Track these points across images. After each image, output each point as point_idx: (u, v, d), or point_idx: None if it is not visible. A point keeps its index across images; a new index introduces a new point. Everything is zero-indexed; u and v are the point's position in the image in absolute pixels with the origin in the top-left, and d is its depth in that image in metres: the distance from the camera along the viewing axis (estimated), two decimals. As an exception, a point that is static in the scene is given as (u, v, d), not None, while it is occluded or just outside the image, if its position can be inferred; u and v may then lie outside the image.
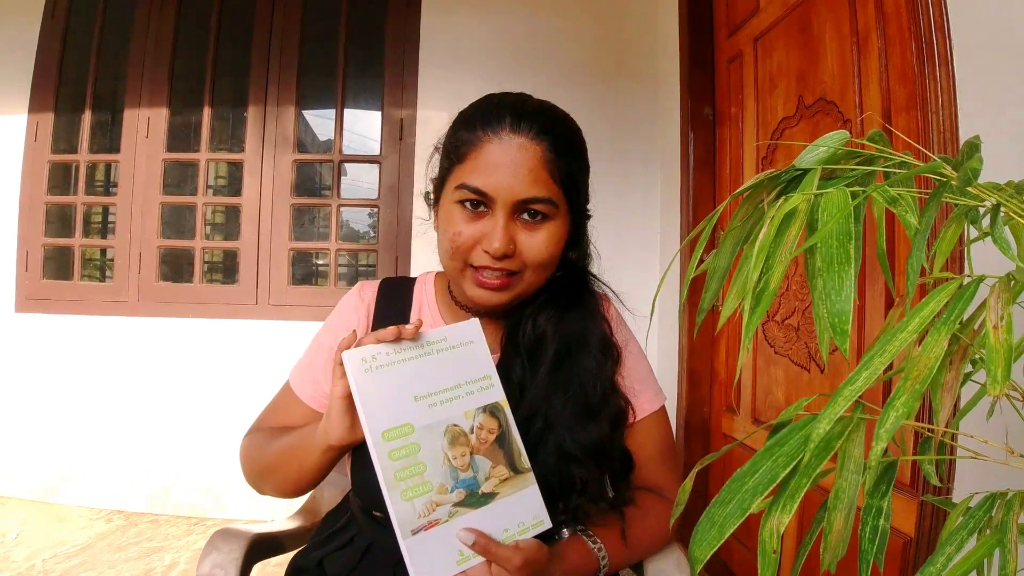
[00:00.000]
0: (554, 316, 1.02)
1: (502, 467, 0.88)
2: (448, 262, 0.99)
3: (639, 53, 3.07)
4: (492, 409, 0.91)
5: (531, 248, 0.95)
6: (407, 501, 0.81)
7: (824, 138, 0.71)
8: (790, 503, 0.57)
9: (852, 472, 0.60)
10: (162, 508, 3.05)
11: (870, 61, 1.65)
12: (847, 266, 0.57)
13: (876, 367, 0.54)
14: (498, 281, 0.95)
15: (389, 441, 0.82)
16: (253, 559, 1.07)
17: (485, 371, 0.92)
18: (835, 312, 0.56)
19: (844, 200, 0.61)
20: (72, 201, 3.26)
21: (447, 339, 0.91)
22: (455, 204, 0.96)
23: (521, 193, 0.92)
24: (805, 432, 0.60)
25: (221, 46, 3.27)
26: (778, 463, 0.58)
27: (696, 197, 2.50)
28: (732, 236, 0.77)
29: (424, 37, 3.15)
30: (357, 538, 1.02)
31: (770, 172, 0.72)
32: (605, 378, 1.02)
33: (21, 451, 3.16)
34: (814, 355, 1.82)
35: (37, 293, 3.20)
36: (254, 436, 1.10)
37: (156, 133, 3.19)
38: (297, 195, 3.20)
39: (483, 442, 0.88)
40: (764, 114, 2.15)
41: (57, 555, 2.55)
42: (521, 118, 0.94)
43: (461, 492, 0.84)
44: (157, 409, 3.10)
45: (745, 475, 0.59)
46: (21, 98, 3.24)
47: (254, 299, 3.12)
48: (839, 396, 0.54)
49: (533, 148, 0.93)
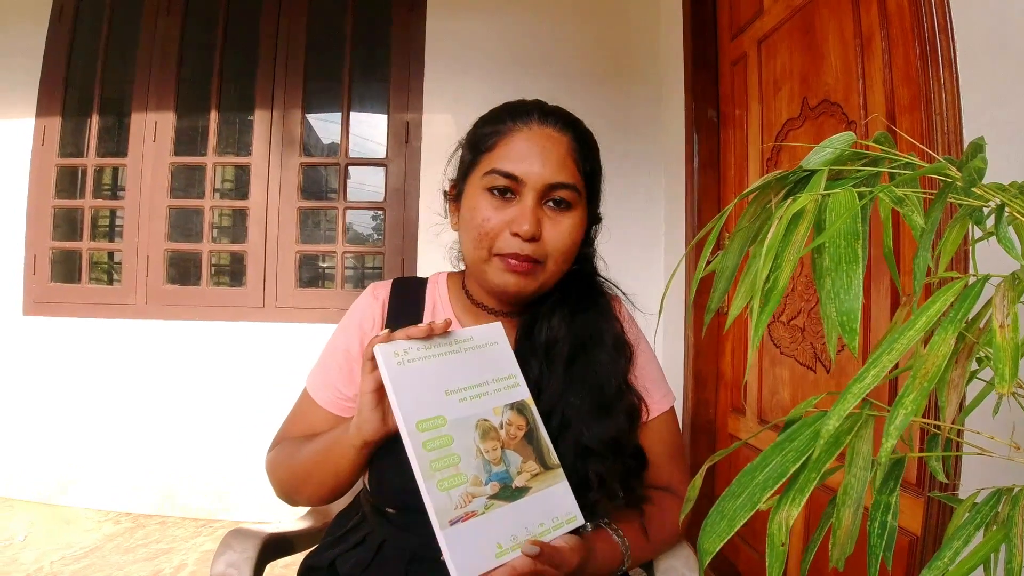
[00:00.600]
0: (567, 316, 1.04)
1: (532, 462, 0.90)
2: (473, 252, 1.01)
3: (643, 56, 3.08)
4: (519, 407, 0.92)
5: (555, 235, 0.99)
6: (443, 491, 0.81)
7: (831, 139, 0.72)
8: (799, 497, 0.58)
9: (861, 468, 0.60)
10: (170, 510, 3.07)
11: (874, 63, 1.65)
12: (855, 265, 0.58)
13: (884, 365, 0.54)
14: (525, 266, 0.98)
15: (423, 432, 0.83)
16: (266, 559, 1.08)
17: (510, 370, 0.95)
18: (844, 311, 0.57)
19: (851, 200, 0.62)
20: (80, 205, 3.28)
21: (474, 339, 0.94)
22: (483, 192, 0.99)
23: (551, 177, 0.97)
24: (815, 428, 0.61)
25: (227, 50, 3.29)
26: (788, 458, 0.59)
27: (701, 199, 2.51)
28: (740, 236, 0.78)
29: (429, 41, 3.16)
30: (369, 537, 1.03)
31: (778, 173, 0.73)
32: (619, 373, 1.04)
33: (29, 453, 3.17)
34: (820, 355, 1.83)
35: (45, 296, 3.22)
36: (279, 449, 1.10)
37: (163, 137, 3.21)
38: (304, 198, 3.22)
39: (513, 438, 0.90)
40: (768, 116, 2.15)
41: (65, 557, 2.57)
42: (547, 113, 1.01)
43: (496, 485, 0.85)
44: (164, 411, 3.11)
45: (755, 469, 0.59)
46: (28, 102, 3.25)
47: (261, 302, 3.14)
48: (848, 393, 0.55)
49: (560, 138, 1.00)
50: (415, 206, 3.11)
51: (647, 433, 1.08)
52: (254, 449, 3.00)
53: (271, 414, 2.97)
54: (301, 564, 1.08)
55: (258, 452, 1.10)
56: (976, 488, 0.64)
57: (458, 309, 1.12)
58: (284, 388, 2.99)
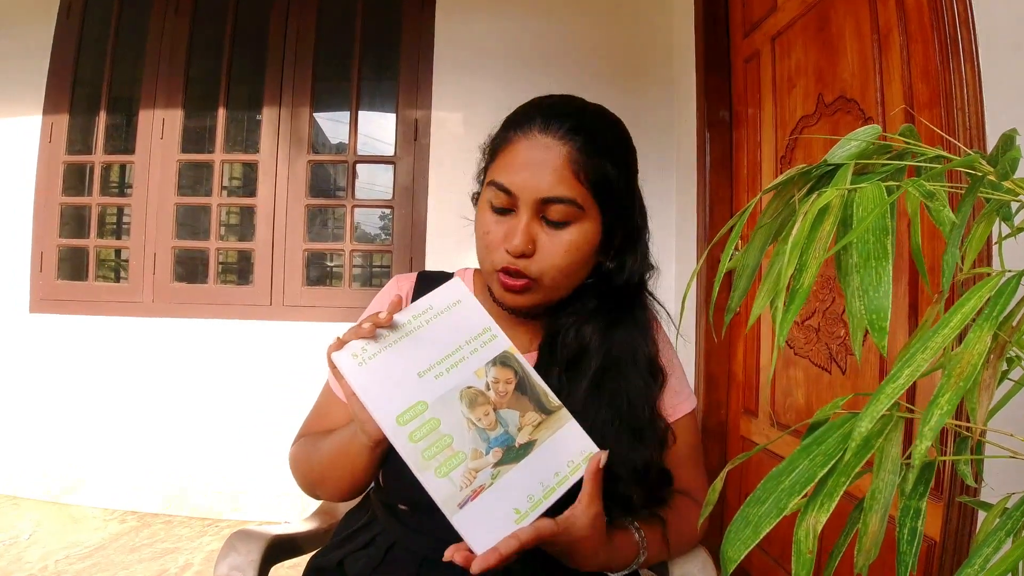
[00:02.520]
0: (600, 328, 0.99)
1: (532, 413, 0.86)
2: (482, 263, 0.99)
3: (654, 54, 3.06)
4: (502, 359, 0.88)
5: (550, 251, 0.94)
6: (443, 477, 0.79)
7: (855, 133, 0.70)
8: (828, 502, 0.56)
9: (889, 472, 0.59)
10: (176, 509, 3.05)
11: (892, 58, 1.63)
12: (884, 261, 0.56)
13: (919, 364, 0.52)
14: (519, 284, 0.94)
15: (405, 425, 0.80)
16: (271, 561, 1.06)
17: (483, 324, 0.91)
18: (873, 308, 0.56)
19: (879, 195, 0.60)
20: (87, 202, 3.27)
21: (432, 307, 0.90)
22: (486, 204, 0.97)
23: (543, 192, 0.91)
24: (844, 431, 0.59)
25: (236, 47, 3.28)
26: (816, 462, 0.57)
27: (713, 199, 2.49)
28: (761, 233, 0.76)
29: (438, 39, 3.14)
30: (379, 538, 1.00)
31: (801, 167, 0.71)
32: (651, 399, 1.00)
33: (36, 452, 3.16)
34: (835, 356, 1.80)
35: (52, 294, 3.21)
36: (301, 444, 1.07)
37: (171, 134, 3.20)
38: (311, 196, 3.20)
39: (503, 395, 0.86)
40: (782, 114, 2.13)
41: (70, 556, 2.56)
42: (552, 119, 0.94)
43: (497, 451, 0.82)
44: (171, 410, 3.11)
45: (781, 474, 0.57)
46: (36, 99, 3.25)
47: (268, 300, 3.12)
48: (881, 394, 0.53)
49: (558, 148, 0.92)
50: (424, 204, 3.09)
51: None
52: (260, 448, 3.00)
53: (277, 413, 2.99)
54: (308, 564, 1.05)
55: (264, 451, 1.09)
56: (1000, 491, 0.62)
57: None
58: (291, 387, 3.02)
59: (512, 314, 1.04)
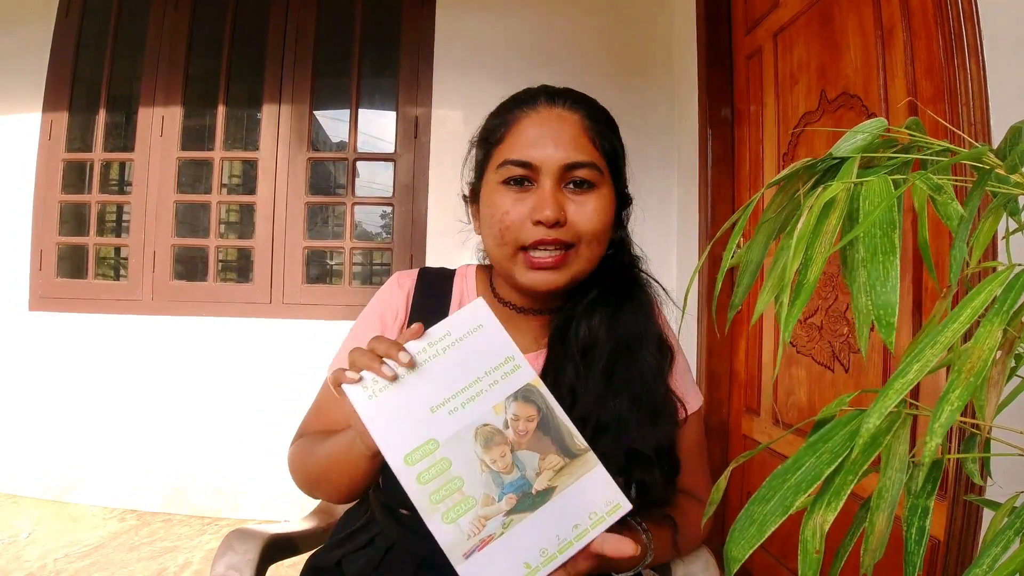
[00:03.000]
0: (607, 316, 0.98)
1: (553, 456, 0.78)
2: (497, 250, 0.96)
3: (655, 50, 3.04)
4: (525, 394, 0.80)
5: (583, 216, 0.93)
6: (450, 524, 0.74)
7: (862, 126, 0.69)
8: (835, 501, 0.55)
9: (896, 470, 0.58)
10: (176, 508, 3.05)
11: (895, 54, 1.62)
12: (892, 255, 0.55)
13: (928, 359, 0.51)
14: (553, 259, 0.92)
15: (413, 465, 0.76)
16: (268, 560, 1.05)
17: (506, 353, 0.82)
18: (880, 304, 0.55)
19: (886, 188, 0.59)
20: (86, 200, 3.26)
21: (451, 333, 0.83)
22: (499, 186, 0.95)
23: (566, 158, 0.92)
24: (850, 428, 0.58)
25: (236, 45, 3.27)
26: (822, 459, 0.57)
27: (715, 196, 2.47)
28: (765, 228, 0.75)
29: (439, 36, 3.13)
30: (378, 539, 0.99)
31: (806, 161, 0.70)
32: (663, 377, 0.99)
33: (35, 450, 3.16)
34: (838, 354, 1.79)
35: (51, 292, 3.20)
36: (299, 444, 1.05)
37: (170, 132, 3.19)
38: (311, 194, 3.19)
39: (523, 434, 0.79)
40: (784, 110, 2.12)
41: (69, 555, 2.55)
42: (554, 94, 0.97)
43: (512, 497, 0.76)
44: (171, 408, 3.10)
45: (787, 472, 0.57)
46: (35, 97, 3.24)
47: (268, 298, 3.11)
48: (890, 389, 0.52)
49: (571, 116, 0.94)
50: (424, 202, 3.08)
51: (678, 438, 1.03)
52: (260, 447, 2.99)
53: (277, 412, 2.98)
54: (306, 564, 1.04)
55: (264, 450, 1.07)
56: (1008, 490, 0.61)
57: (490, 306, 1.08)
58: (290, 386, 3.01)
59: (519, 312, 1.04)
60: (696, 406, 1.09)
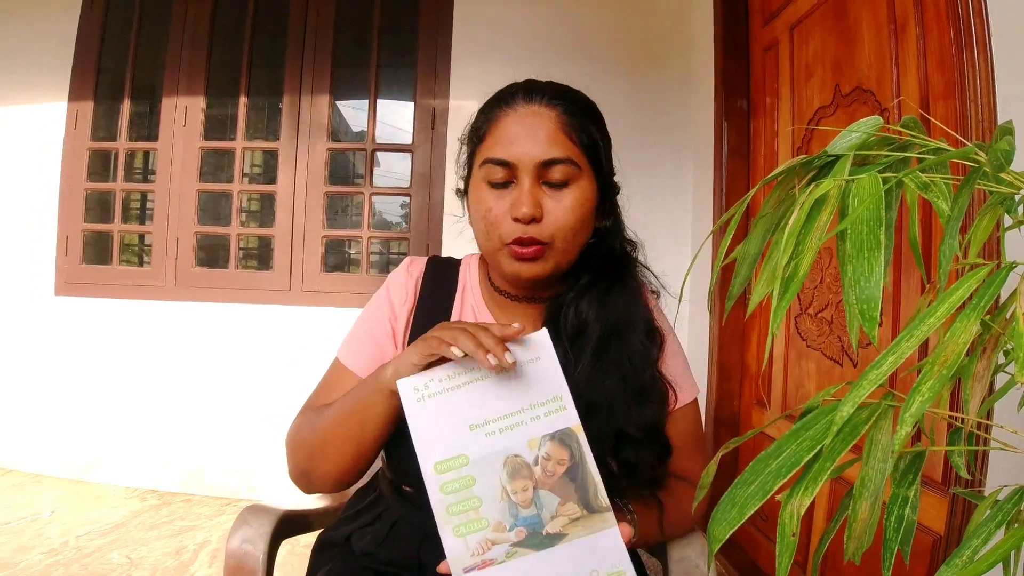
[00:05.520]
0: (596, 300, 1.01)
1: (572, 504, 0.79)
2: (486, 243, 1.00)
3: (672, 41, 3.04)
4: (562, 436, 0.80)
5: (558, 213, 0.95)
6: (459, 537, 0.76)
7: (857, 124, 0.70)
8: (812, 485, 0.57)
9: (879, 460, 0.59)
10: (195, 488, 3.12)
11: (908, 48, 1.61)
12: (877, 252, 0.57)
13: (903, 352, 0.53)
14: (532, 251, 0.95)
15: (442, 474, 0.78)
16: (281, 535, 1.09)
17: (555, 391, 0.82)
18: (864, 299, 0.56)
19: (875, 186, 0.61)
20: (111, 187, 3.33)
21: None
22: (482, 184, 0.98)
23: (541, 155, 0.94)
24: (830, 417, 0.60)
25: (257, 36, 3.31)
26: (802, 446, 0.58)
27: (729, 187, 2.48)
28: (763, 222, 0.77)
29: (457, 27, 3.15)
30: (385, 515, 1.03)
31: (803, 158, 0.72)
32: (652, 360, 1.02)
33: (59, 431, 3.24)
34: (847, 349, 1.80)
35: (76, 277, 3.28)
36: (303, 418, 1.07)
37: (193, 122, 3.24)
38: (331, 183, 3.24)
39: (549, 475, 0.79)
40: (800, 103, 2.12)
41: (91, 532, 2.62)
42: (532, 91, 0.98)
43: (521, 531, 0.77)
44: (192, 392, 3.16)
45: (769, 457, 0.59)
46: (61, 87, 3.31)
47: (287, 285, 3.16)
48: (864, 380, 0.54)
49: (547, 113, 0.96)
50: (441, 192, 3.11)
51: (670, 423, 1.06)
52: (278, 431, 3.01)
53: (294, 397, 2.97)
54: (317, 538, 1.10)
55: (281, 433, 1.09)
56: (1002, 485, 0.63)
57: (485, 294, 1.11)
58: (308, 371, 3.02)
59: (513, 300, 1.07)
60: (691, 397, 1.11)
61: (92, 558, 2.41)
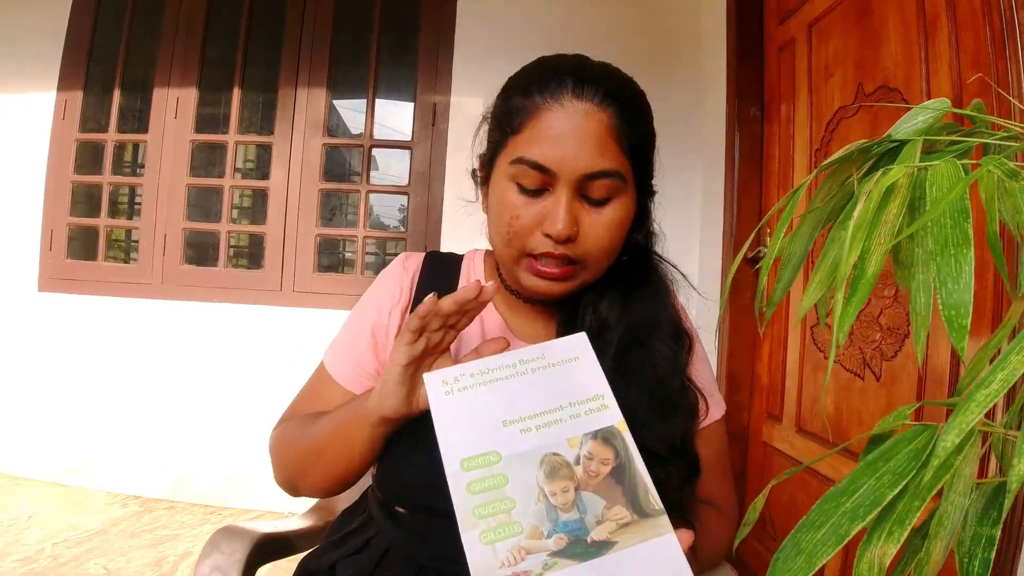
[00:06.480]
0: (617, 300, 0.90)
1: (621, 508, 0.68)
2: (503, 249, 0.87)
3: (682, 41, 2.95)
4: (606, 435, 0.72)
5: (595, 232, 0.84)
6: (487, 545, 0.64)
7: (923, 106, 0.61)
8: (898, 530, 0.48)
9: (959, 495, 0.51)
10: (180, 495, 3.01)
11: (939, 45, 1.54)
12: (966, 248, 0.49)
13: (1015, 367, 0.44)
14: (559, 271, 0.84)
15: (469, 472, 0.67)
16: (259, 561, 0.98)
17: (596, 390, 0.75)
18: (952, 304, 0.48)
19: (956, 173, 0.53)
20: (99, 181, 3.22)
21: (544, 356, 0.77)
22: (510, 184, 0.85)
23: (588, 166, 0.81)
24: (915, 445, 0.51)
25: (253, 27, 3.21)
26: (883, 482, 0.49)
27: (741, 193, 2.38)
28: (812, 217, 0.68)
29: (459, 22, 3.07)
30: (375, 541, 0.91)
31: (861, 143, 0.63)
32: (680, 367, 0.90)
33: (40, 432, 3.13)
34: (869, 362, 1.70)
35: (60, 273, 3.17)
36: (286, 425, 0.98)
37: (185, 114, 3.14)
38: (326, 180, 3.13)
39: (593, 475, 0.69)
40: (818, 104, 2.03)
41: (68, 539, 2.51)
42: (584, 82, 0.84)
43: (562, 538, 0.65)
44: (178, 394, 3.06)
45: (842, 494, 0.49)
46: (50, 76, 3.21)
47: (279, 285, 3.06)
48: (971, 402, 0.44)
49: (599, 115, 0.82)
50: (440, 191, 3.01)
51: (699, 441, 0.94)
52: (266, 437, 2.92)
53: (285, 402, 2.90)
54: (298, 566, 0.96)
55: (271, 440, 1.00)
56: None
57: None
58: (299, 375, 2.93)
59: (527, 301, 0.96)
60: (718, 413, 1.00)
61: (68, 567, 2.30)
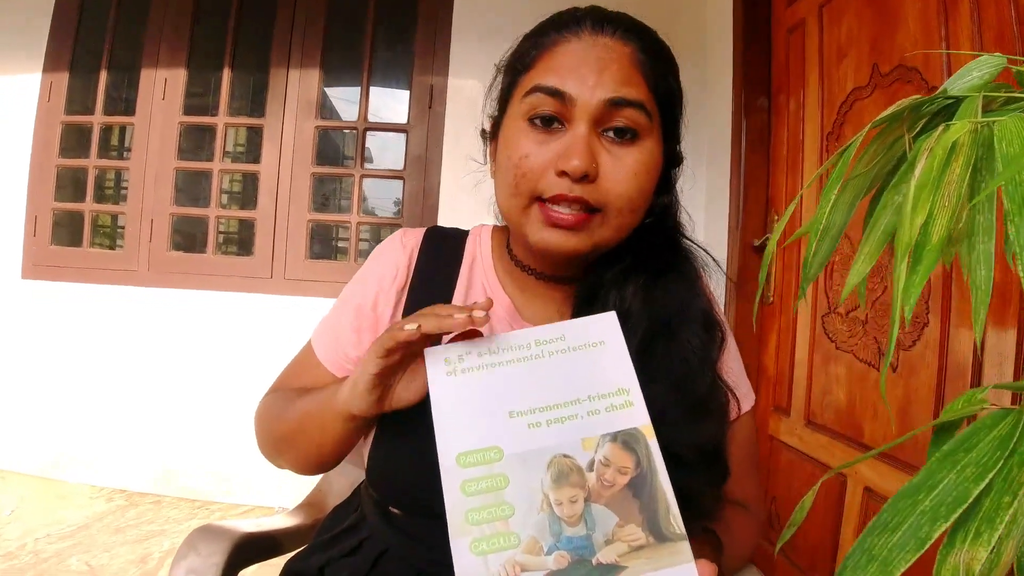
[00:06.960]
0: (642, 286, 0.80)
1: (635, 527, 0.59)
2: (509, 199, 0.78)
3: (686, 24, 2.86)
4: (627, 438, 0.62)
5: (617, 174, 0.74)
6: (478, 556, 0.56)
7: (978, 60, 0.55)
8: (987, 530, 0.41)
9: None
10: (166, 489, 2.92)
11: (960, 22, 1.47)
12: None
13: None
14: (573, 217, 0.74)
15: (465, 468, 0.59)
16: (240, 563, 0.89)
17: (622, 383, 0.65)
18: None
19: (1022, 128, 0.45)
20: (84, 164, 3.12)
21: (565, 337, 0.67)
22: (523, 122, 0.76)
23: (610, 92, 0.73)
24: (999, 431, 0.43)
25: (244, 5, 3.11)
26: (965, 475, 0.42)
27: (748, 179, 2.31)
28: (854, 185, 0.61)
29: (458, 4, 2.98)
30: (367, 544, 0.83)
31: (914, 98, 0.56)
32: (711, 362, 0.80)
33: (23, 423, 3.04)
34: (884, 351, 1.63)
35: (45, 259, 3.08)
36: (272, 398, 0.92)
37: (173, 95, 3.04)
38: (318, 164, 3.04)
39: (607, 485, 0.60)
40: (830, 87, 1.95)
41: (51, 535, 2.43)
42: (604, 20, 0.77)
43: (563, 556, 0.57)
44: (165, 385, 2.98)
45: (918, 490, 0.43)
46: (36, 56, 3.11)
47: (269, 272, 2.97)
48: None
49: (620, 48, 0.76)
50: (436, 175, 2.92)
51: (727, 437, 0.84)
52: (257, 428, 2.85)
53: (274, 392, 2.84)
54: (283, 568, 0.89)
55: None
56: None
57: (501, 270, 0.90)
58: (289, 364, 2.86)
59: (538, 278, 0.87)
60: (749, 404, 0.91)
61: (49, 563, 2.22)
